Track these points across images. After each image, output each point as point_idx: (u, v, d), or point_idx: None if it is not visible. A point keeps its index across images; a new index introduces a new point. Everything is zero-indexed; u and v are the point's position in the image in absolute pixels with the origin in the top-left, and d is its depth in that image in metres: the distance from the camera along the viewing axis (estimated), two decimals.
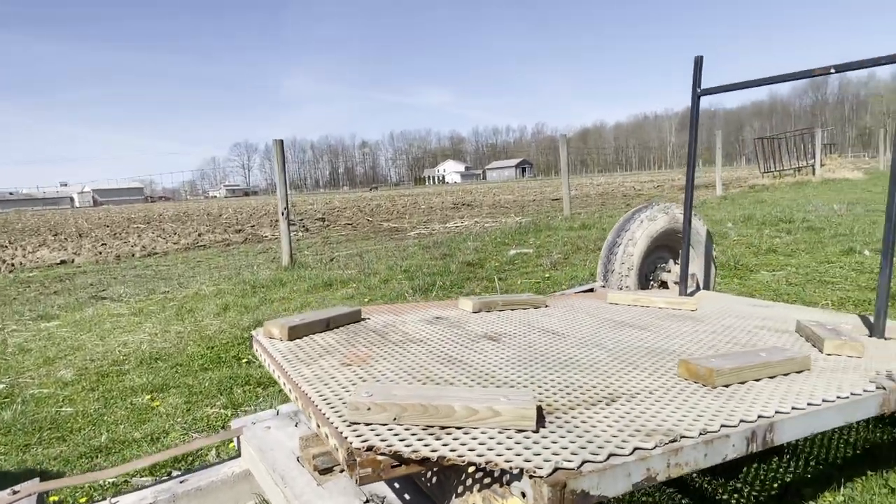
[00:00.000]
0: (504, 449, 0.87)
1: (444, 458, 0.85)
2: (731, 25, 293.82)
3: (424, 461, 0.86)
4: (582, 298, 2.32)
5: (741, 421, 1.00)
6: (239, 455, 1.62)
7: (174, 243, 11.85)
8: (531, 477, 0.80)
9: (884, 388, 1.22)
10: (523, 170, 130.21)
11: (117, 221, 24.22)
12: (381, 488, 1.17)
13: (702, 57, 2.25)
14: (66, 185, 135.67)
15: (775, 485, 1.58)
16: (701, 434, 0.95)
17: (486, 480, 0.91)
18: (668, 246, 3.00)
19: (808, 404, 1.10)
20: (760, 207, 9.45)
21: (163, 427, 2.49)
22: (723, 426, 0.98)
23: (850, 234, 5.88)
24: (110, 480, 1.87)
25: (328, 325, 1.63)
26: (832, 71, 1.82)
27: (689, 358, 1.28)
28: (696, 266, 3.00)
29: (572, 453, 0.85)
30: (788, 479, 1.60)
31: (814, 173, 15.44)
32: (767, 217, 7.46)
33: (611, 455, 0.86)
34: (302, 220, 16.48)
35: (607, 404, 1.08)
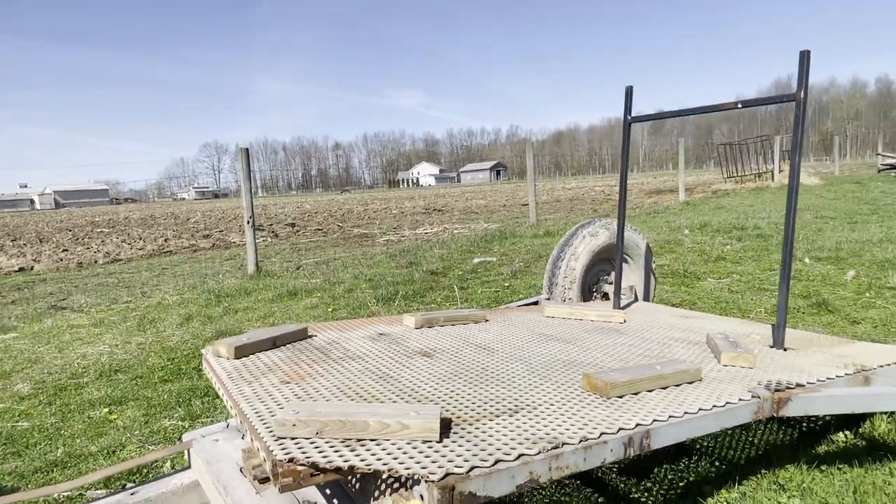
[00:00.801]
0: (407, 458, 1.00)
1: (354, 467, 0.98)
2: (705, 26, 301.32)
3: (338, 470, 0.99)
4: (522, 312, 2.48)
5: (620, 429, 1.16)
6: (189, 467, 1.72)
7: (139, 249, 11.71)
8: (426, 482, 0.94)
9: (758, 397, 1.39)
10: (498, 172, 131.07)
11: (80, 225, 23.66)
12: (312, 493, 1.30)
13: (632, 87, 2.43)
14: (25, 186, 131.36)
15: (681, 483, 1.76)
16: (581, 441, 1.10)
17: (396, 486, 1.05)
18: (609, 259, 3.19)
19: (685, 413, 1.26)
20: (718, 214, 9.83)
21: (119, 440, 2.55)
22: (602, 434, 1.13)
23: (795, 241, 6.20)
24: (65, 494, 1.94)
25: (275, 343, 1.74)
26: (739, 106, 2.02)
27: (591, 372, 1.44)
28: (636, 278, 3.20)
29: (465, 460, 0.99)
30: (692, 479, 1.77)
31: (773, 179, 16.04)
32: (722, 224, 7.79)
33: (497, 461, 1.00)
34: (272, 225, 16.40)
35: (509, 416, 1.22)
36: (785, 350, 1.91)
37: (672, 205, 12.71)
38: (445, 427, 1.13)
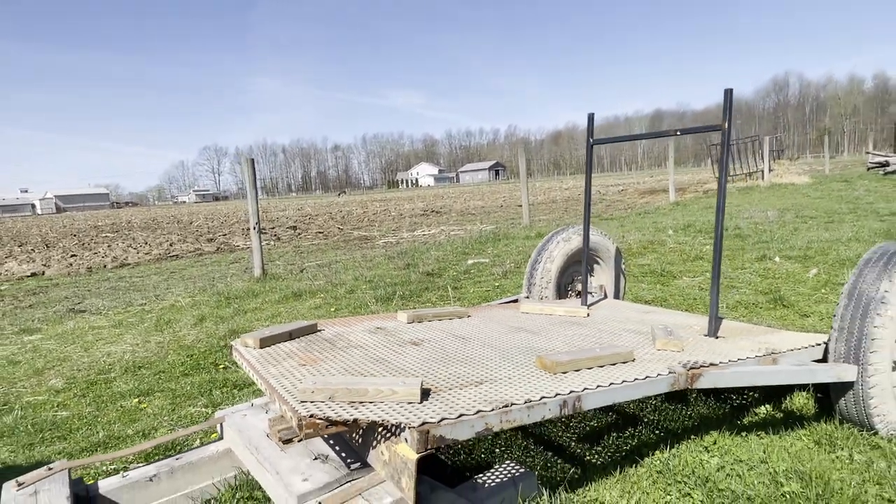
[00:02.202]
0: (396, 413, 1.38)
1: (358, 420, 1.36)
2: (703, 23, 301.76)
3: (346, 422, 1.37)
4: (501, 309, 2.86)
5: (557, 394, 1.54)
6: (221, 438, 2.10)
7: (146, 253, 12.08)
8: (409, 428, 1.32)
9: (675, 373, 1.77)
10: (496, 172, 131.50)
11: (84, 230, 24.04)
12: (324, 448, 1.67)
13: (593, 114, 2.81)
14: (26, 191, 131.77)
15: (626, 447, 2.14)
16: (526, 402, 1.48)
17: (388, 435, 1.43)
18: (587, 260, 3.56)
19: (611, 384, 1.64)
20: (704, 214, 10.21)
21: (152, 424, 2.92)
22: (543, 397, 1.51)
23: (770, 241, 6.59)
24: (127, 458, 2.32)
25: (291, 335, 2.12)
26: (677, 133, 2.40)
27: (544, 354, 1.82)
28: (606, 278, 3.57)
29: (437, 414, 1.37)
30: (635, 443, 2.15)
31: (763, 178, 16.43)
32: (704, 225, 8.17)
33: (461, 415, 1.38)
34: (274, 228, 16.78)
35: (475, 386, 1.60)
36: (717, 338, 2.29)
37: (662, 205, 13.10)
38: (425, 393, 1.51)
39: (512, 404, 1.46)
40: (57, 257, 12.55)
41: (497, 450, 2.19)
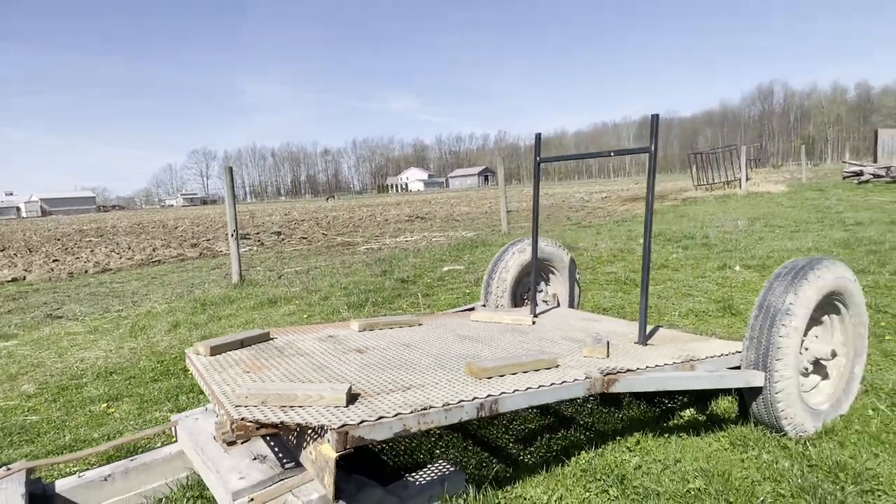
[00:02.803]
0: (320, 416, 1.52)
1: (284, 422, 1.49)
2: (691, 31, 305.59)
3: (273, 425, 1.50)
4: (453, 317, 3.00)
5: (475, 397, 1.68)
6: (176, 440, 2.22)
7: (128, 259, 12.10)
8: (330, 430, 1.45)
9: (590, 378, 1.92)
10: (486, 177, 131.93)
11: (68, 234, 23.90)
12: (264, 449, 1.80)
13: (540, 134, 2.97)
14: (11, 194, 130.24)
15: (556, 447, 2.28)
16: (444, 405, 1.62)
17: (315, 437, 1.56)
18: (538, 271, 3.72)
19: (528, 388, 1.79)
20: (678, 222, 10.44)
21: (117, 428, 3.03)
22: (461, 401, 1.65)
23: (735, 250, 6.80)
24: (89, 459, 2.43)
25: (242, 344, 2.25)
26: (611, 154, 2.56)
27: (472, 361, 1.96)
28: (561, 287, 3.73)
29: (358, 417, 1.51)
30: (565, 444, 2.30)
31: (740, 187, 16.76)
32: (674, 234, 8.38)
33: (381, 417, 1.52)
34: (258, 233, 16.82)
35: (402, 391, 1.74)
36: (646, 345, 2.45)
37: (640, 214, 13.34)
38: (352, 398, 1.65)
39: (430, 407, 1.60)
40: (39, 262, 12.53)
41: (437, 451, 2.33)
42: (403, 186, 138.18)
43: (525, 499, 1.93)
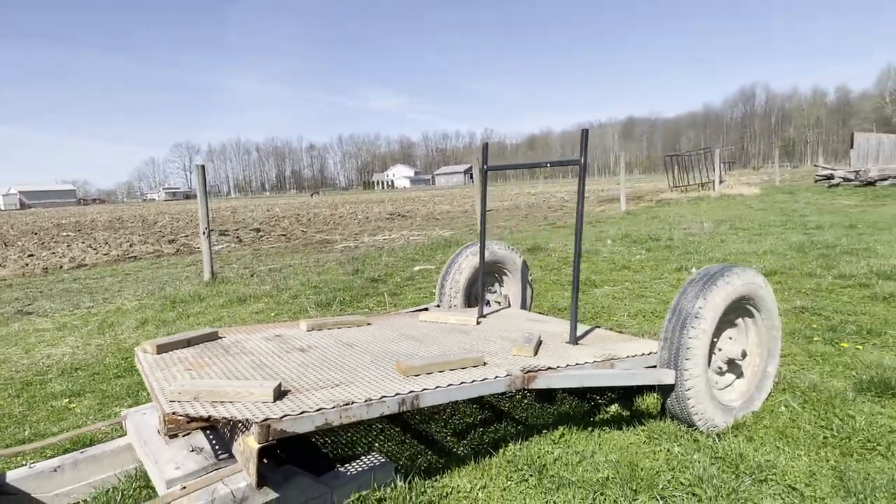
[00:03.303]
0: (247, 411, 1.65)
1: (212, 416, 1.62)
2: (675, 33, 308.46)
3: (202, 418, 1.63)
4: (402, 317, 3.15)
5: (397, 393, 1.83)
6: (125, 434, 2.33)
7: (104, 255, 12.06)
8: (254, 423, 1.59)
9: (511, 375, 2.08)
10: (472, 175, 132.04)
11: (46, 228, 23.61)
12: (202, 442, 1.93)
13: (487, 143, 3.12)
14: None
15: (488, 440, 2.44)
16: (366, 400, 1.76)
17: (244, 430, 1.69)
18: (492, 273, 3.88)
19: (449, 384, 1.93)
20: (648, 224, 10.69)
21: (77, 423, 3.12)
22: (383, 396, 1.80)
23: (695, 252, 7.03)
24: (30, 451, 2.53)
25: (189, 343, 2.37)
26: (547, 165, 2.72)
27: (401, 359, 2.11)
28: (513, 289, 3.89)
29: (282, 412, 1.64)
30: (497, 436, 2.46)
31: (713, 189, 17.12)
32: (641, 235, 8.61)
33: (303, 412, 1.65)
34: (238, 230, 16.81)
35: (331, 388, 1.88)
36: (576, 344, 2.61)
37: (613, 214, 13.59)
38: (280, 394, 1.78)
39: (353, 402, 1.74)
40: (14, 257, 12.43)
41: (377, 444, 2.47)
42: (389, 183, 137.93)
43: (451, 488, 2.08)
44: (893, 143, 28.71)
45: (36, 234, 20.12)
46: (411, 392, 1.85)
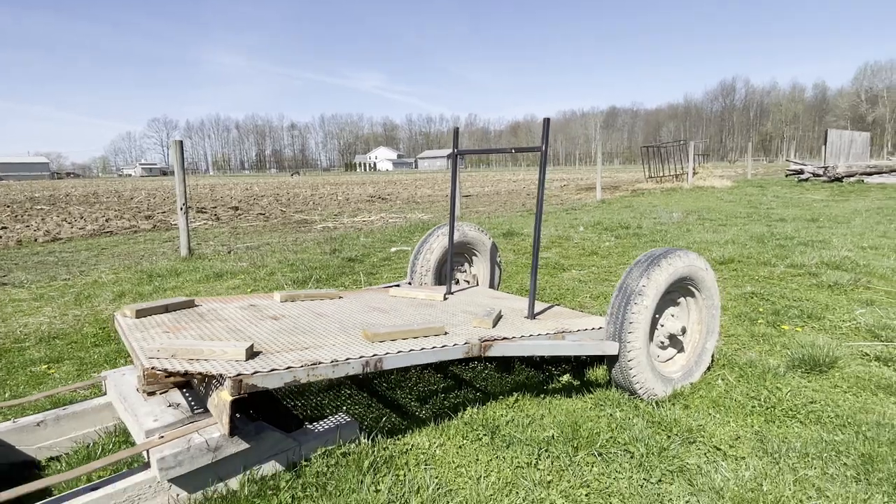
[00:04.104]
0: (220, 367, 1.80)
1: (189, 371, 1.77)
2: (658, 24, 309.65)
3: (179, 373, 1.78)
4: (373, 292, 3.31)
5: (361, 356, 2.00)
6: (105, 393, 2.47)
7: (80, 229, 11.94)
8: (227, 378, 1.74)
9: (469, 343, 2.26)
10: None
11: (18, 201, 23.09)
12: (178, 399, 2.08)
13: (458, 128, 3.27)
14: None
15: (448, 405, 2.63)
16: (332, 361, 1.93)
17: (217, 385, 1.85)
18: (462, 253, 4.05)
19: (410, 349, 2.11)
20: (621, 213, 10.96)
21: (55, 387, 3.23)
22: (348, 358, 1.96)
23: (661, 240, 7.30)
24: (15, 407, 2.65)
25: (167, 309, 2.50)
26: (512, 151, 2.89)
27: (367, 327, 2.27)
28: (482, 268, 4.08)
29: (254, 369, 1.80)
30: (457, 401, 2.65)
31: (687, 181, 17.51)
32: (612, 223, 8.87)
33: (273, 369, 1.81)
34: (216, 208, 16.70)
35: (300, 350, 2.04)
36: (533, 319, 2.80)
37: (588, 203, 13.86)
38: (252, 354, 1.94)
39: (320, 363, 1.90)
40: None
41: (346, 407, 2.65)
42: (372, 165, 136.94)
43: (411, 445, 2.26)
44: (865, 141, 29.51)
45: (8, 206, 19.70)
46: (375, 355, 2.03)
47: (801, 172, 19.02)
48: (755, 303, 4.24)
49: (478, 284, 3.96)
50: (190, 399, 2.09)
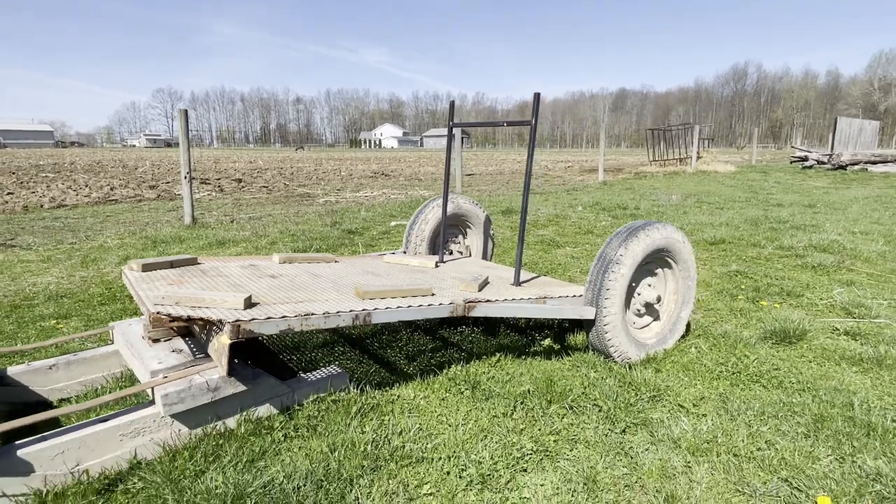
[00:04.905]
0: (220, 314, 1.96)
1: (191, 316, 1.93)
2: (669, 7, 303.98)
3: (182, 318, 1.94)
4: (369, 259, 3.46)
5: (351, 309, 2.15)
6: (113, 342, 2.64)
7: (85, 196, 12.10)
8: (226, 323, 1.90)
9: (453, 303, 2.41)
10: (461, 139, 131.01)
11: (24, 168, 23.21)
12: (181, 345, 2.24)
13: (454, 101, 3.38)
14: None
15: (435, 363, 2.79)
16: (324, 313, 2.08)
17: (217, 332, 2.01)
18: (457, 225, 4.19)
19: (398, 306, 2.26)
20: (621, 194, 11.05)
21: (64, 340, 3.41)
22: (339, 311, 2.12)
23: (658, 220, 7.40)
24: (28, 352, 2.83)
25: (172, 265, 2.65)
26: (504, 124, 3.00)
27: (360, 285, 2.42)
28: (476, 241, 4.21)
29: (251, 316, 1.96)
30: (444, 360, 2.81)
31: (690, 165, 17.52)
32: (610, 204, 8.97)
33: (269, 317, 1.97)
34: (219, 179, 16.82)
35: (295, 304, 2.19)
36: (519, 286, 2.95)
37: (591, 184, 13.93)
38: (250, 304, 2.09)
39: (313, 314, 2.06)
40: None
41: (337, 362, 2.81)
42: (377, 142, 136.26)
43: (397, 396, 2.43)
44: (874, 130, 29.29)
45: (13, 173, 19.83)
46: (364, 309, 2.18)
47: (806, 159, 18.98)
48: (738, 280, 4.38)
49: (471, 256, 4.10)
50: (192, 346, 2.26)
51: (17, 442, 1.75)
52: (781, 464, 1.92)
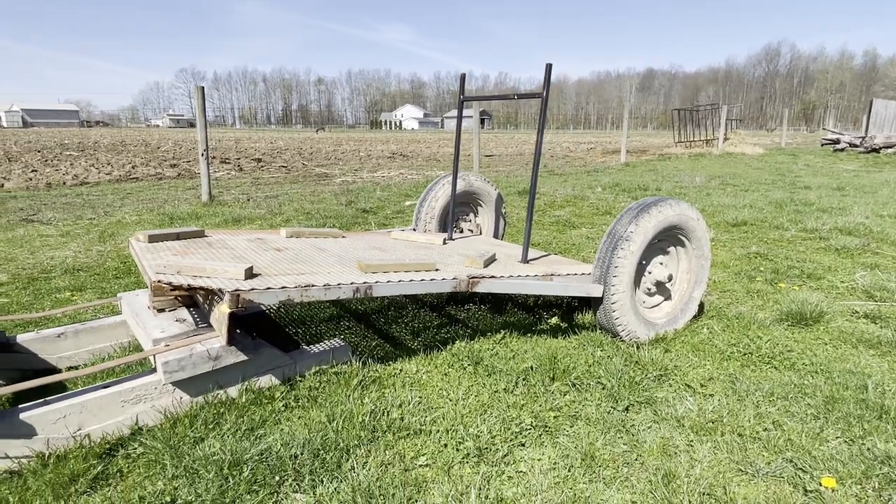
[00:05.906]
0: (220, 284, 1.96)
1: (192, 285, 1.93)
2: None
3: (182, 287, 1.94)
4: (375, 234, 3.43)
5: (352, 282, 2.13)
6: (120, 313, 2.67)
7: (107, 174, 12.29)
8: (226, 292, 1.89)
9: (457, 279, 2.38)
10: (482, 121, 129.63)
11: (49, 147, 23.68)
12: (185, 315, 2.25)
13: (465, 74, 3.30)
14: None
15: (439, 339, 2.77)
16: (324, 285, 2.07)
17: (219, 301, 2.01)
18: (468, 203, 4.14)
19: (399, 280, 2.24)
20: (641, 176, 10.83)
21: (78, 310, 3.47)
22: (339, 283, 2.10)
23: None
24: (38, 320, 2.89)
25: (178, 236, 2.66)
26: (515, 97, 2.92)
27: (362, 258, 2.40)
28: (487, 219, 4.16)
29: (252, 286, 1.95)
30: (448, 337, 2.79)
31: (717, 146, 17.08)
32: (630, 185, 8.79)
33: (269, 287, 1.96)
34: (239, 159, 16.94)
35: (297, 275, 2.18)
36: (526, 263, 2.90)
37: (612, 165, 13.68)
38: (251, 275, 2.09)
39: (313, 285, 2.05)
40: (18, 171, 12.67)
41: (342, 336, 2.81)
42: (397, 124, 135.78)
43: (400, 370, 2.42)
44: None
45: (39, 151, 20.24)
46: (365, 282, 2.16)
47: (838, 142, 18.37)
48: (757, 262, 4.26)
49: (481, 234, 4.05)
50: (196, 316, 2.27)
51: (20, 406, 1.78)
52: (787, 444, 1.86)
